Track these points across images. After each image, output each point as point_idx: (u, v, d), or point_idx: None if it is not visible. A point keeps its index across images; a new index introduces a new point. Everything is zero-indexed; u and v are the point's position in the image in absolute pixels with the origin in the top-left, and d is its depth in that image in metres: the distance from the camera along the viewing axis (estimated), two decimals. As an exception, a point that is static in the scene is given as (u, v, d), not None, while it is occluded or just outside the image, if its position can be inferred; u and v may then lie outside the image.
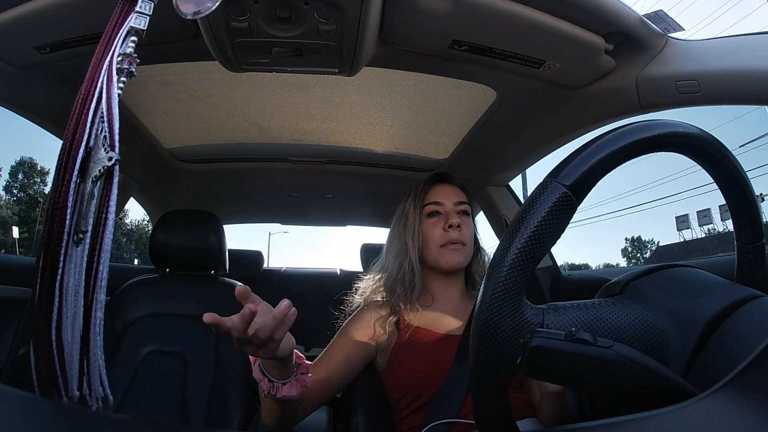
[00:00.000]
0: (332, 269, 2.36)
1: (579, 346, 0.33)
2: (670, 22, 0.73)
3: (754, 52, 0.67)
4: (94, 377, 0.36)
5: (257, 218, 2.24)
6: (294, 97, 1.09)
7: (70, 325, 0.35)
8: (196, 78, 1.00)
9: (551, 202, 0.35)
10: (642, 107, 0.82)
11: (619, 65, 0.80)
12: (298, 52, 0.74)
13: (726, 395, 0.29)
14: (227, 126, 1.25)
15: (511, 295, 0.35)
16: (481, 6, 0.67)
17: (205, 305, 1.17)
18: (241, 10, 0.64)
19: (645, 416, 0.29)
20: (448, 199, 0.94)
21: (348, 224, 2.27)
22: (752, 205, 0.44)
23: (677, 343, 0.39)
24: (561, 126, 1.02)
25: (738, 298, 0.39)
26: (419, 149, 1.36)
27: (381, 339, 0.88)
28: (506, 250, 0.35)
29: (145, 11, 0.42)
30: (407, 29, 0.73)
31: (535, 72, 0.82)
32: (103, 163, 0.36)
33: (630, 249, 38.15)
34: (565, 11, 0.69)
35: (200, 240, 1.21)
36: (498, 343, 0.36)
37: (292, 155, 1.40)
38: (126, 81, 0.39)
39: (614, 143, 0.37)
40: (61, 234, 0.35)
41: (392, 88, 1.03)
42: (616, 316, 0.40)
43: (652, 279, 0.45)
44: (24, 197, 24.90)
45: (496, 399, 0.38)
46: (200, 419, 1.03)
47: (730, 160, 0.42)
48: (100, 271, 0.36)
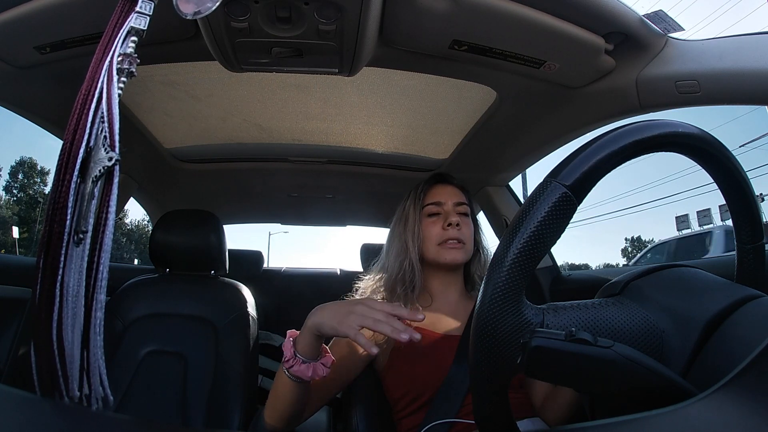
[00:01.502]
0: (332, 269, 2.36)
1: (579, 346, 0.33)
2: (670, 22, 0.73)
3: (754, 52, 0.67)
4: (95, 377, 0.36)
5: (257, 218, 2.24)
6: (294, 97, 1.09)
7: (70, 325, 0.35)
8: (196, 78, 1.00)
9: (551, 202, 0.35)
10: (642, 107, 0.82)
11: (619, 65, 0.80)
12: (298, 52, 0.74)
13: (726, 395, 0.29)
14: (227, 126, 1.25)
15: (511, 295, 0.35)
16: (481, 6, 0.67)
17: (205, 305, 1.17)
18: (241, 10, 0.64)
19: (645, 416, 0.29)
20: (448, 199, 0.94)
21: (348, 224, 2.27)
22: (752, 205, 0.44)
23: (677, 343, 0.39)
24: (561, 126, 1.02)
25: (738, 298, 0.39)
26: (419, 149, 1.36)
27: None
28: (506, 250, 0.35)
29: (145, 11, 0.42)
30: (407, 29, 0.73)
31: (535, 72, 0.82)
32: (104, 163, 0.36)
33: (630, 249, 38.16)
34: (565, 11, 0.69)
35: (200, 240, 1.21)
36: (498, 343, 0.36)
37: (292, 155, 1.40)
38: (126, 81, 0.39)
39: (614, 143, 0.37)
40: (62, 234, 0.35)
41: (392, 88, 1.03)
42: (616, 316, 0.40)
43: (652, 279, 0.45)
44: (24, 197, 24.91)
45: (496, 399, 0.38)
46: (200, 419, 1.03)
47: (730, 160, 0.42)
48: (101, 271, 0.36)
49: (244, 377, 1.08)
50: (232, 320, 1.15)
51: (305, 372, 0.66)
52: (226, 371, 1.08)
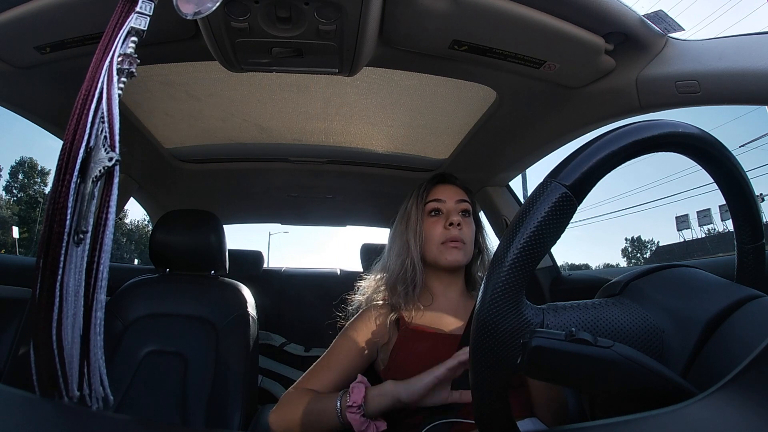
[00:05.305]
0: (332, 269, 2.35)
1: (579, 347, 0.33)
2: (670, 22, 0.73)
3: (754, 52, 0.67)
4: (95, 377, 0.36)
5: (257, 218, 2.24)
6: (294, 97, 1.09)
7: (70, 325, 0.35)
8: (196, 78, 1.00)
9: (551, 202, 0.35)
10: (642, 107, 0.82)
11: (619, 65, 0.80)
12: (298, 52, 0.74)
13: (726, 395, 0.29)
14: (227, 126, 1.25)
15: (511, 295, 0.35)
16: (481, 6, 0.67)
17: (205, 305, 1.17)
18: (241, 10, 0.64)
19: (645, 416, 0.29)
20: (450, 197, 0.94)
21: (348, 224, 2.27)
22: (752, 205, 0.44)
23: (677, 343, 0.39)
24: (561, 126, 1.02)
25: (738, 298, 0.39)
26: (419, 149, 1.36)
27: (382, 339, 0.88)
28: (506, 250, 0.35)
29: (145, 11, 0.42)
30: (407, 29, 0.73)
31: (535, 72, 0.82)
32: (104, 163, 0.36)
33: (630, 249, 38.18)
34: (565, 11, 0.69)
35: (200, 240, 1.21)
36: (498, 343, 0.36)
37: (292, 155, 1.40)
38: (126, 81, 0.39)
39: (614, 143, 0.37)
40: (62, 234, 0.35)
41: (392, 88, 1.03)
42: (616, 317, 0.40)
43: (652, 279, 0.45)
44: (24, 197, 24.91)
45: (496, 399, 0.38)
46: (200, 419, 1.03)
47: (730, 160, 0.42)
48: (101, 271, 0.36)
49: (244, 377, 1.08)
50: (232, 320, 1.15)
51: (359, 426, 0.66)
52: (226, 371, 1.08)
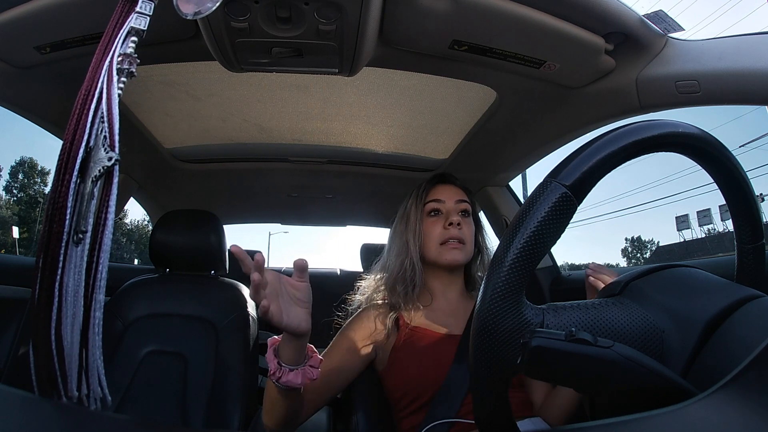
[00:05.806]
0: (332, 269, 2.35)
1: (579, 347, 0.33)
2: (670, 22, 0.73)
3: (754, 52, 0.67)
4: (93, 377, 0.36)
5: (257, 218, 2.24)
6: (294, 97, 1.09)
7: (69, 325, 0.35)
8: (196, 78, 1.00)
9: (551, 202, 0.35)
10: (642, 107, 0.82)
11: (619, 65, 0.80)
12: (298, 52, 0.74)
13: (726, 395, 0.29)
14: (227, 126, 1.25)
15: (511, 295, 0.35)
16: (481, 6, 0.67)
17: (205, 305, 1.17)
18: (241, 10, 0.64)
19: (645, 416, 0.29)
20: (449, 197, 0.94)
21: (348, 224, 2.27)
22: (752, 205, 0.44)
23: (677, 343, 0.39)
24: (561, 126, 1.02)
25: (738, 298, 0.39)
26: (419, 149, 1.36)
27: (381, 339, 0.88)
28: (506, 250, 0.35)
29: (145, 11, 0.42)
30: (407, 29, 0.73)
31: (535, 72, 0.82)
32: (103, 163, 0.36)
33: (630, 249, 38.18)
34: (565, 11, 0.69)
35: (200, 240, 1.21)
36: (498, 343, 0.35)
37: (292, 155, 1.40)
38: (126, 81, 0.39)
39: (614, 143, 0.37)
40: (61, 234, 0.35)
41: (392, 88, 1.03)
42: (616, 316, 0.40)
43: (652, 279, 0.45)
44: (24, 197, 24.92)
45: (496, 399, 0.38)
46: (200, 419, 1.02)
47: (730, 160, 0.42)
48: (100, 271, 0.36)
49: (244, 377, 1.08)
50: (232, 320, 1.15)
51: (295, 380, 0.63)
52: (226, 371, 1.08)
